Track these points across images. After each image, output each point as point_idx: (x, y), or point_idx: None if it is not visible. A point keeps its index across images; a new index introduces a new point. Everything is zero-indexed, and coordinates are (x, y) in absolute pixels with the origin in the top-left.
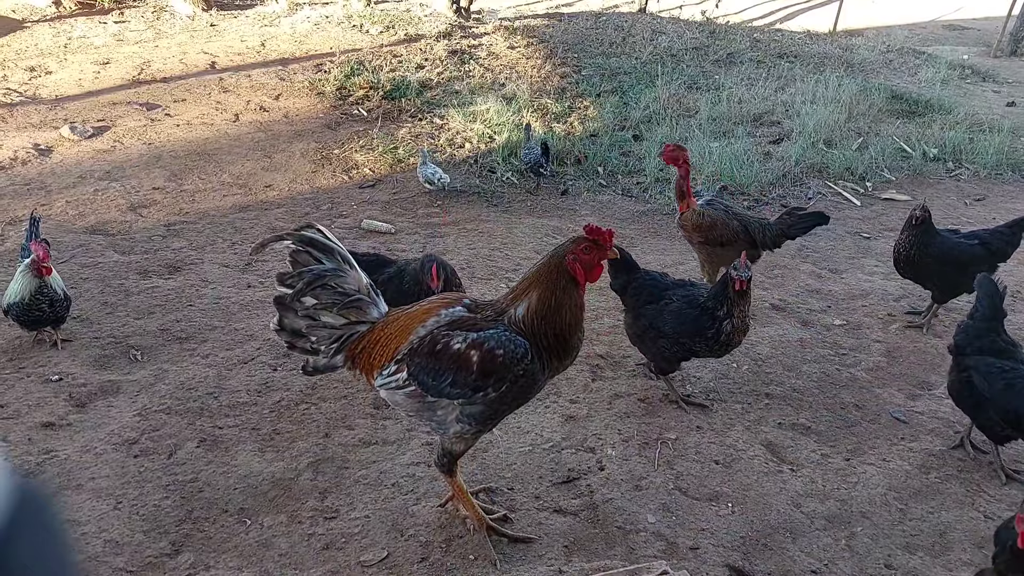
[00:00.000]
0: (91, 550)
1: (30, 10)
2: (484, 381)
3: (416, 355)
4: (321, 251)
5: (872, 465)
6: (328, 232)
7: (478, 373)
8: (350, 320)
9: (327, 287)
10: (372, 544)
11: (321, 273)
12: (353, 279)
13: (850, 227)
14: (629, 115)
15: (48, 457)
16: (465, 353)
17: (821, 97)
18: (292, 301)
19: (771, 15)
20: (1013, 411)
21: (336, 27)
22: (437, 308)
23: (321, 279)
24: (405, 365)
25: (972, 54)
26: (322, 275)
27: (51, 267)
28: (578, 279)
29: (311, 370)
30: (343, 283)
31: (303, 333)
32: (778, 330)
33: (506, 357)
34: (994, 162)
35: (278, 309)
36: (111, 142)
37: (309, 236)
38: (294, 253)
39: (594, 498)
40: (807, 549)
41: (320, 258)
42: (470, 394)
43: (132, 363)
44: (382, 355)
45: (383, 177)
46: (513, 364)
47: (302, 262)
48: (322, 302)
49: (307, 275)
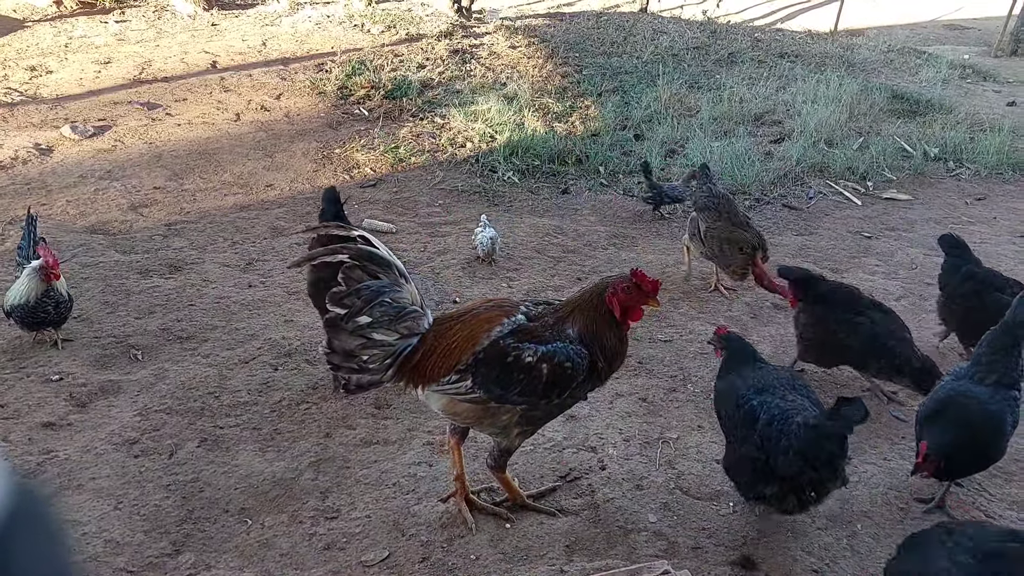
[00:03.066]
0: (92, 550)
1: (31, 9)
2: (550, 390)
3: (483, 365)
4: (379, 266)
5: (873, 464)
6: (378, 242)
7: (547, 384)
8: (403, 335)
9: (382, 304)
10: (373, 544)
11: (379, 289)
12: (408, 292)
13: (851, 227)
14: (630, 115)
15: (48, 457)
16: (536, 366)
17: (822, 97)
18: (347, 322)
19: (772, 15)
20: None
21: (337, 26)
22: (500, 317)
23: (379, 295)
24: (470, 375)
25: (973, 54)
26: (380, 291)
27: (60, 273)
28: (615, 314)
29: (353, 388)
30: (399, 298)
31: (354, 354)
32: (779, 329)
33: (574, 370)
34: (995, 162)
35: (328, 332)
36: (112, 141)
37: (368, 252)
38: (347, 269)
39: (595, 497)
40: (808, 548)
41: (376, 272)
42: (536, 401)
43: (133, 363)
44: (443, 365)
45: (384, 177)
46: (578, 375)
47: (356, 278)
48: (376, 319)
49: (365, 293)
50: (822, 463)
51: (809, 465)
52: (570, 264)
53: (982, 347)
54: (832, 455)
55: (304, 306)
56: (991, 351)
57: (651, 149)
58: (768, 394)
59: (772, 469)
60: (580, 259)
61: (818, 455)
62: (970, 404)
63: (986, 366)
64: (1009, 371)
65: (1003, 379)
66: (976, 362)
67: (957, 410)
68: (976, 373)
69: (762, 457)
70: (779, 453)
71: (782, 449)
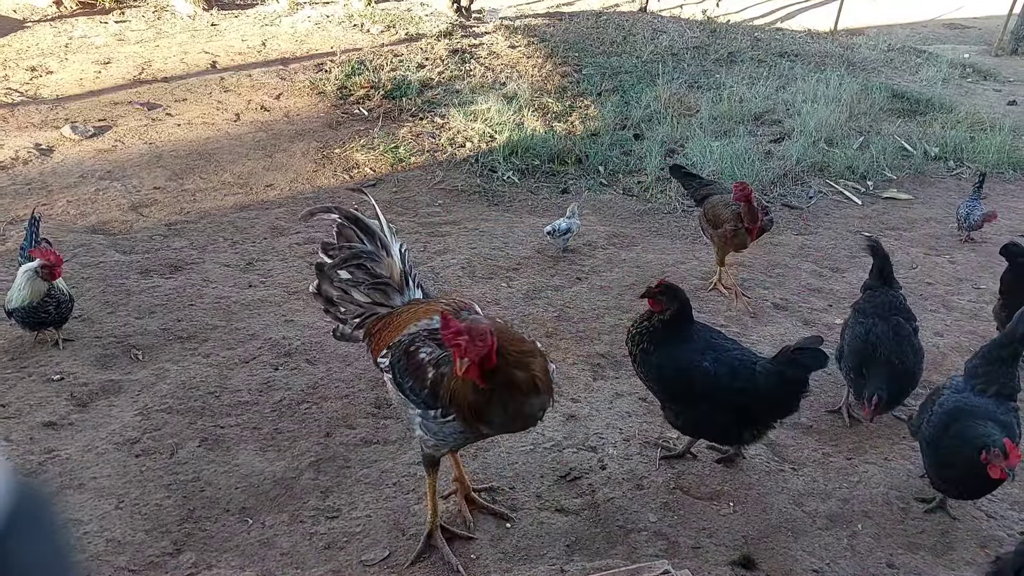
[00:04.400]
0: (93, 549)
1: (31, 10)
2: (433, 401)
3: (396, 348)
4: (363, 231)
5: (874, 464)
6: (380, 213)
7: (430, 391)
8: (373, 300)
9: (361, 267)
10: (374, 543)
11: (359, 252)
12: (387, 265)
13: (851, 226)
14: (630, 114)
15: (50, 456)
16: (424, 365)
17: (822, 96)
18: (329, 271)
19: (772, 14)
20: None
21: (337, 26)
22: (435, 311)
23: (357, 258)
24: (390, 354)
25: (973, 53)
26: (359, 255)
27: (60, 271)
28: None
29: (339, 336)
30: (376, 267)
31: (335, 302)
32: (780, 329)
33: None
34: (995, 161)
35: (316, 275)
36: (112, 142)
37: (355, 214)
38: (340, 226)
39: (595, 497)
40: (809, 548)
41: (362, 238)
42: (423, 408)
43: (133, 362)
44: (385, 340)
45: (384, 176)
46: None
47: (346, 236)
48: (354, 278)
49: (346, 251)
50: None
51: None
52: (570, 264)
53: (977, 359)
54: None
55: (304, 306)
56: (986, 363)
57: (651, 149)
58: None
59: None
60: (580, 258)
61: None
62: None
63: (983, 377)
64: (1007, 382)
65: (1003, 390)
66: (972, 374)
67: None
68: (976, 385)
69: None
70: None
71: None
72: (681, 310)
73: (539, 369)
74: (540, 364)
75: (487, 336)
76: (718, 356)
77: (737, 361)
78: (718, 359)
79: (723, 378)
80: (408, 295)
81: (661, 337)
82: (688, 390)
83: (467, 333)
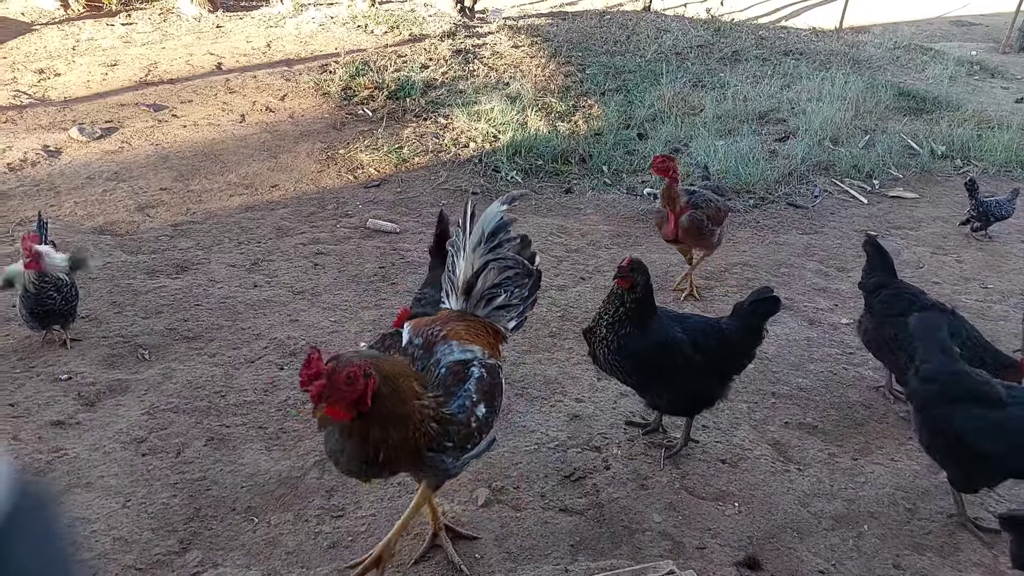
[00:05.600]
0: (100, 547)
1: (39, 13)
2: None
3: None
4: (466, 225)
5: (880, 464)
6: (469, 217)
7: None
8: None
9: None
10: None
11: (452, 241)
12: (443, 278)
13: (857, 225)
14: (634, 114)
15: (58, 455)
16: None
17: (827, 94)
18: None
19: (776, 12)
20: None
21: (341, 27)
22: (443, 332)
23: (453, 245)
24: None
25: (980, 50)
26: (453, 243)
27: (39, 261)
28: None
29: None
30: (455, 259)
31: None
32: (785, 329)
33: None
34: (1003, 159)
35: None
36: (119, 143)
37: (472, 209)
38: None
39: (600, 497)
40: (814, 549)
41: (461, 228)
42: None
43: (140, 362)
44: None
45: (388, 177)
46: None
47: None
48: (445, 264)
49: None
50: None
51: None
52: (573, 263)
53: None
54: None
55: (309, 306)
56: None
57: (654, 148)
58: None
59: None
60: (584, 258)
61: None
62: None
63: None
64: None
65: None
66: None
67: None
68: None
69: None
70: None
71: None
72: (648, 284)
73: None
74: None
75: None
76: (684, 325)
77: (703, 324)
78: (686, 328)
79: (699, 343)
80: (464, 305)
81: (637, 317)
82: (671, 363)
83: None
